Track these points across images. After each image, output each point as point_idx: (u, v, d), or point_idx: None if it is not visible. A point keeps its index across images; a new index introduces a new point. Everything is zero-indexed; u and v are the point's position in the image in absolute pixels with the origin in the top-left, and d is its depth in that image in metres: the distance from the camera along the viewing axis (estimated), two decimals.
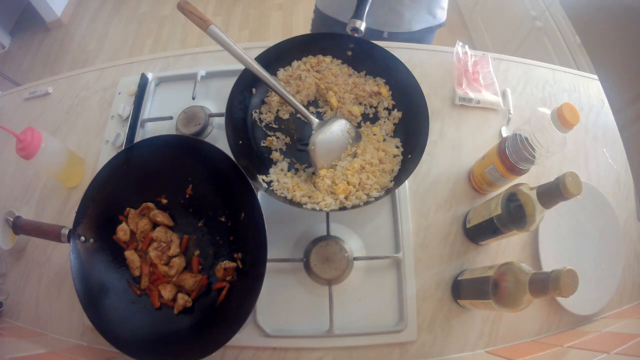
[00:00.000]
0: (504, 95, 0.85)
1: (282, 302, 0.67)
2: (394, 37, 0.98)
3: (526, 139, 0.57)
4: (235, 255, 0.64)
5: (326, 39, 0.78)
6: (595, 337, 0.62)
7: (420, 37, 1.00)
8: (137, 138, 0.79)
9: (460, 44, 0.87)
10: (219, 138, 0.78)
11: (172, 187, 0.69)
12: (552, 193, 0.49)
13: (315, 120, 0.69)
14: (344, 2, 0.98)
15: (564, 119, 0.52)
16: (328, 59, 0.78)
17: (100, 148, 0.80)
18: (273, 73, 0.78)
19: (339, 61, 0.79)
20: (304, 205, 0.63)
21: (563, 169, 0.65)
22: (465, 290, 0.63)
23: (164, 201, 0.70)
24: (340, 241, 0.67)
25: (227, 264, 0.63)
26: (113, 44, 2.44)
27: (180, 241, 0.67)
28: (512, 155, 0.61)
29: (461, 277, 0.66)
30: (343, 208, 0.63)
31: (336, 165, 0.68)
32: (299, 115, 0.75)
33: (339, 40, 0.77)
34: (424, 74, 0.84)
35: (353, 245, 0.69)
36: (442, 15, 1.00)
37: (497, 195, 0.61)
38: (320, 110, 0.77)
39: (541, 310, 0.68)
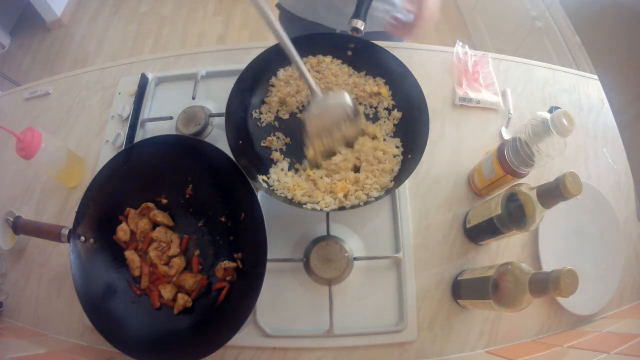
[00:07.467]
0: (504, 95, 0.85)
1: (282, 302, 0.67)
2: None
3: (526, 142, 0.57)
4: (235, 255, 0.64)
5: (326, 39, 0.78)
6: (595, 337, 0.62)
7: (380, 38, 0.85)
8: (137, 138, 0.79)
9: (460, 44, 0.87)
10: (219, 138, 0.78)
11: (172, 187, 0.69)
12: (552, 193, 0.49)
13: (319, 94, 0.67)
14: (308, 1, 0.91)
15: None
16: (328, 59, 0.78)
17: (100, 148, 0.80)
18: (273, 73, 0.78)
19: (339, 61, 0.79)
20: (303, 205, 0.63)
21: (563, 169, 0.65)
22: (465, 290, 0.63)
23: (164, 201, 0.70)
24: (340, 241, 0.67)
25: (227, 264, 0.63)
26: (113, 44, 2.44)
27: (180, 241, 0.67)
28: (512, 161, 0.60)
29: (461, 277, 0.66)
30: (342, 208, 0.63)
31: (329, 139, 0.67)
32: (299, 115, 0.75)
33: (339, 40, 0.77)
34: (424, 74, 0.84)
35: (353, 245, 0.69)
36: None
37: (497, 195, 0.61)
38: None
39: (541, 310, 0.68)
